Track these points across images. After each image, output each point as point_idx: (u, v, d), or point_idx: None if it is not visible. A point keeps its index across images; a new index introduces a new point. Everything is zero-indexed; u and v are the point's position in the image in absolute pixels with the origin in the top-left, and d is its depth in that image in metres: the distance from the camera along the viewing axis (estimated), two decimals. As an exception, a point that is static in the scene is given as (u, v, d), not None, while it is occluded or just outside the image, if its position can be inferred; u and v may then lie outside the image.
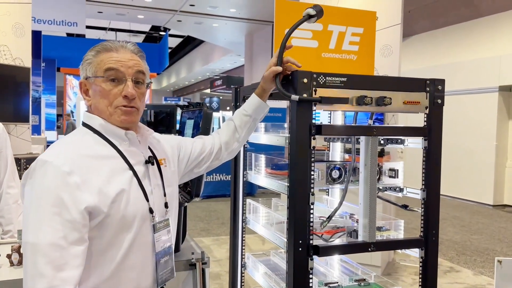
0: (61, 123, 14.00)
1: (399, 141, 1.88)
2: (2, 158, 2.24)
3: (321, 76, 1.58)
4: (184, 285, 2.04)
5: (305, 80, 1.55)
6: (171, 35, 18.30)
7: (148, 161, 1.30)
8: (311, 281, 1.61)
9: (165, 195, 1.35)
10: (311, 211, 1.59)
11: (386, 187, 1.91)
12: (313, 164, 1.59)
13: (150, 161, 1.31)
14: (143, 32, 19.33)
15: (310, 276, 1.60)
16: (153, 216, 1.26)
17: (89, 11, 11.50)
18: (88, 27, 13.93)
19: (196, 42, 20.30)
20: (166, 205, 1.35)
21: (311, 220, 1.59)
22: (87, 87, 1.28)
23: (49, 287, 1.07)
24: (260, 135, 2.15)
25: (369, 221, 1.70)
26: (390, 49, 4.60)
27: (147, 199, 1.26)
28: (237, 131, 1.63)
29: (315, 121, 1.58)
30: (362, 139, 1.74)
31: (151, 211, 1.26)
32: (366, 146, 1.72)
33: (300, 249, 1.57)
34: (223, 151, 1.63)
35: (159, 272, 1.30)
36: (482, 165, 8.80)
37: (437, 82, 1.75)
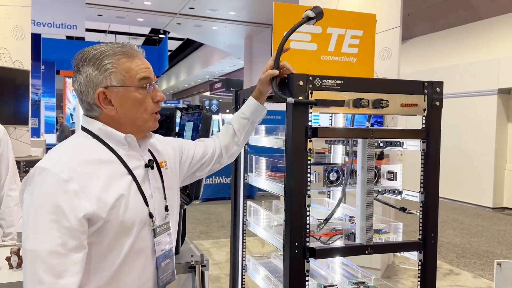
0: (60, 126, 13.98)
1: (398, 143, 1.88)
2: (3, 161, 2.25)
3: (317, 78, 1.58)
4: (183, 288, 2.03)
5: (301, 83, 1.55)
6: (171, 38, 18.31)
7: (147, 165, 1.29)
8: (307, 283, 1.60)
9: (166, 198, 1.35)
10: (307, 214, 1.58)
11: (385, 190, 1.91)
12: (309, 167, 1.59)
13: (150, 164, 1.30)
14: (142, 35, 19.36)
15: (306, 278, 1.60)
16: (153, 221, 1.26)
17: (88, 14, 11.51)
18: (87, 30, 13.94)
19: (196, 45, 20.33)
20: (167, 208, 1.34)
21: (308, 222, 1.59)
22: (107, 97, 1.22)
23: None
24: (261, 137, 2.15)
25: (366, 223, 1.69)
26: (389, 51, 4.61)
27: (147, 204, 1.25)
28: (236, 134, 1.63)
29: (311, 124, 1.58)
30: (360, 141, 1.74)
31: (150, 215, 1.25)
32: (363, 149, 1.72)
33: (296, 251, 1.57)
34: (224, 155, 1.63)
35: (160, 276, 1.29)
36: (482, 167, 8.81)
37: (435, 85, 1.74)
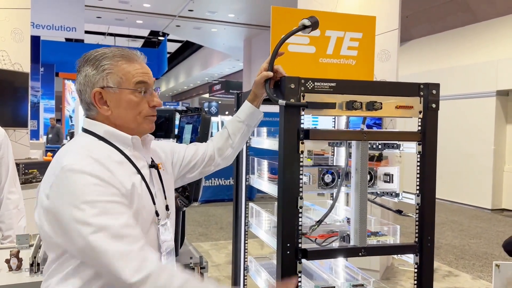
0: (52, 128, 13.81)
1: (395, 145, 1.88)
2: (3, 164, 2.24)
3: (309, 81, 1.58)
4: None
5: (293, 86, 1.56)
6: (170, 40, 18.35)
7: (151, 165, 1.33)
8: (300, 284, 1.61)
9: (166, 198, 1.39)
10: (300, 215, 1.59)
11: (383, 192, 1.91)
12: (301, 168, 1.59)
13: (154, 165, 1.34)
14: (142, 37, 19.39)
15: (299, 279, 1.60)
16: (158, 219, 1.30)
17: (88, 16, 11.53)
18: (87, 32, 13.97)
19: (195, 47, 20.36)
20: (167, 208, 1.38)
21: (300, 223, 1.59)
22: (103, 97, 1.25)
23: (140, 258, 1.09)
24: (262, 139, 2.15)
25: (359, 225, 1.70)
26: (388, 54, 4.62)
27: (154, 202, 1.29)
28: (230, 137, 1.65)
29: (303, 126, 1.58)
30: (353, 143, 1.74)
31: (157, 213, 1.29)
32: (356, 151, 1.72)
33: (288, 252, 1.58)
34: (217, 158, 1.64)
35: None
36: (480, 169, 8.82)
37: (431, 87, 1.72)
